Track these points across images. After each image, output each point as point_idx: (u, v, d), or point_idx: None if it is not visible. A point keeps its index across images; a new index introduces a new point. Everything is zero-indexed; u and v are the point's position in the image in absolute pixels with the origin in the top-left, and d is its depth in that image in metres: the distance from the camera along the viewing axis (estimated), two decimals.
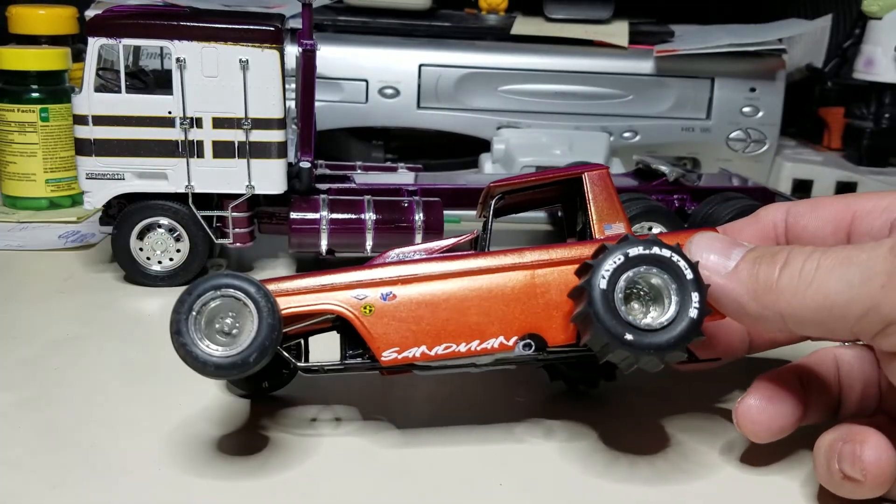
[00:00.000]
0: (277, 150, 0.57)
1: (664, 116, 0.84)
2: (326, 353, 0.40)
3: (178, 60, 0.54)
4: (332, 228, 0.59)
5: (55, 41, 0.78)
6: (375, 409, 0.42)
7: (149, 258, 0.58)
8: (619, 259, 0.34)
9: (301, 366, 0.39)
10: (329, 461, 0.38)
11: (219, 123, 0.56)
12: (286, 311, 0.36)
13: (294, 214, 0.59)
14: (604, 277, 0.34)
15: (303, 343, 0.41)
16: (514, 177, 0.43)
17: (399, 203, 0.60)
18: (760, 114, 0.84)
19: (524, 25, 0.86)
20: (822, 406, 0.38)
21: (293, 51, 0.60)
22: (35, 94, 0.72)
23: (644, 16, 0.91)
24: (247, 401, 0.43)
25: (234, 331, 0.34)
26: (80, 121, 0.55)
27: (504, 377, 0.43)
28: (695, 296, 0.34)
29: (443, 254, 0.40)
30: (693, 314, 0.33)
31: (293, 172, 0.59)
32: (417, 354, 0.36)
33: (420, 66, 0.82)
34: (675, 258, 0.34)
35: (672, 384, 0.45)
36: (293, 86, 0.63)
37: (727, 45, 0.81)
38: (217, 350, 0.34)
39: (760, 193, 0.67)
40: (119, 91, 0.55)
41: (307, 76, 0.59)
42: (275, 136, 0.57)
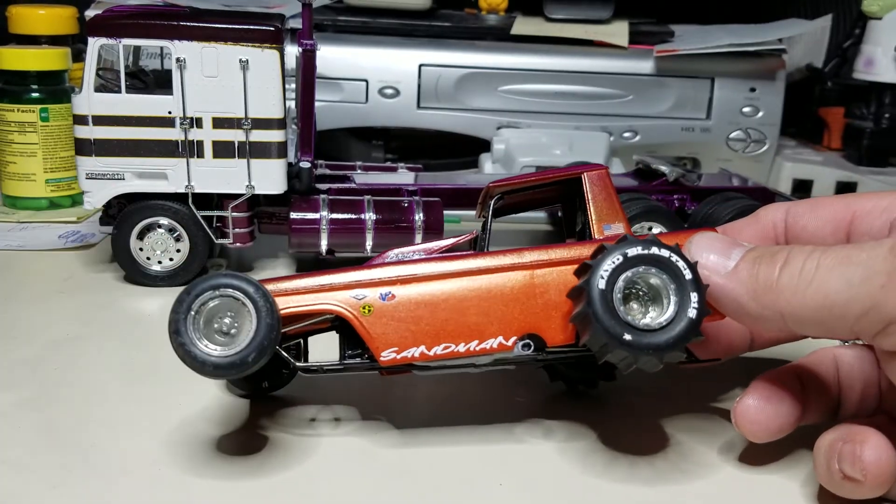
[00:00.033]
0: (277, 150, 0.57)
1: (664, 116, 0.84)
2: (326, 354, 0.40)
3: (178, 60, 0.54)
4: (332, 228, 0.59)
5: (55, 41, 0.78)
6: (375, 410, 0.42)
7: (149, 258, 0.58)
8: (618, 259, 0.34)
9: (300, 366, 0.39)
10: (328, 461, 0.38)
11: (219, 123, 0.56)
12: (285, 311, 0.36)
13: (294, 214, 0.59)
14: (602, 277, 0.34)
15: (302, 343, 0.41)
16: (514, 177, 0.42)
17: (399, 203, 0.60)
18: (760, 114, 0.84)
19: (524, 25, 0.86)
20: (822, 406, 0.38)
21: (293, 51, 0.60)
22: (35, 94, 0.72)
23: (644, 16, 0.91)
24: (246, 401, 0.43)
25: (233, 331, 0.34)
26: (80, 121, 0.55)
27: (503, 377, 0.43)
28: (694, 296, 0.34)
29: (442, 254, 0.40)
30: (692, 314, 0.33)
31: (293, 172, 0.59)
32: (416, 354, 0.36)
33: (420, 66, 0.82)
34: (674, 258, 0.34)
35: (672, 384, 0.45)
36: (293, 86, 0.63)
37: (727, 45, 0.81)
38: (216, 350, 0.34)
39: (760, 193, 0.67)
40: (119, 91, 0.55)
41: (307, 76, 0.59)
42: (275, 136, 0.57)
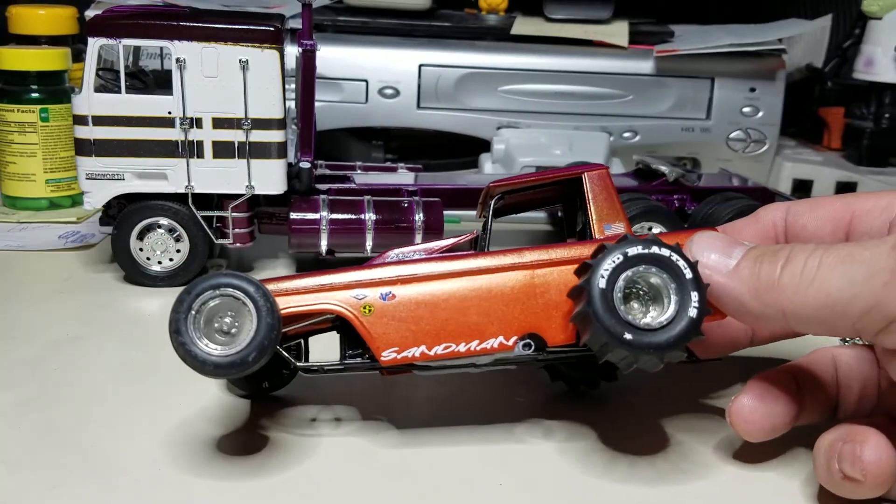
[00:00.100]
0: (277, 151, 0.57)
1: (664, 116, 0.84)
2: (326, 353, 0.40)
3: (178, 60, 0.54)
4: (332, 228, 0.59)
5: (55, 41, 0.78)
6: (375, 410, 0.42)
7: (149, 258, 0.58)
8: (619, 258, 0.34)
9: (301, 366, 0.39)
10: (329, 461, 0.38)
11: (219, 124, 0.56)
12: (285, 311, 0.36)
13: (294, 214, 0.59)
14: (603, 277, 0.34)
15: (303, 343, 0.41)
16: (514, 177, 0.42)
17: (399, 203, 0.60)
18: (760, 114, 0.84)
19: (524, 25, 0.86)
20: (819, 406, 0.38)
21: (293, 51, 0.60)
22: (35, 95, 0.72)
23: (644, 16, 0.91)
24: (247, 401, 0.43)
25: (234, 330, 0.34)
26: (80, 121, 0.55)
27: (504, 377, 0.43)
28: (694, 295, 0.34)
29: (442, 254, 0.40)
30: (692, 313, 0.33)
31: (293, 172, 0.59)
32: (417, 354, 0.36)
33: (420, 66, 0.82)
34: (675, 257, 0.34)
35: (672, 384, 0.45)
36: (293, 86, 0.63)
37: (727, 45, 0.81)
38: (216, 349, 0.34)
39: (760, 193, 0.67)
40: (119, 91, 0.55)
41: (307, 76, 0.59)
42: (275, 137, 0.57)
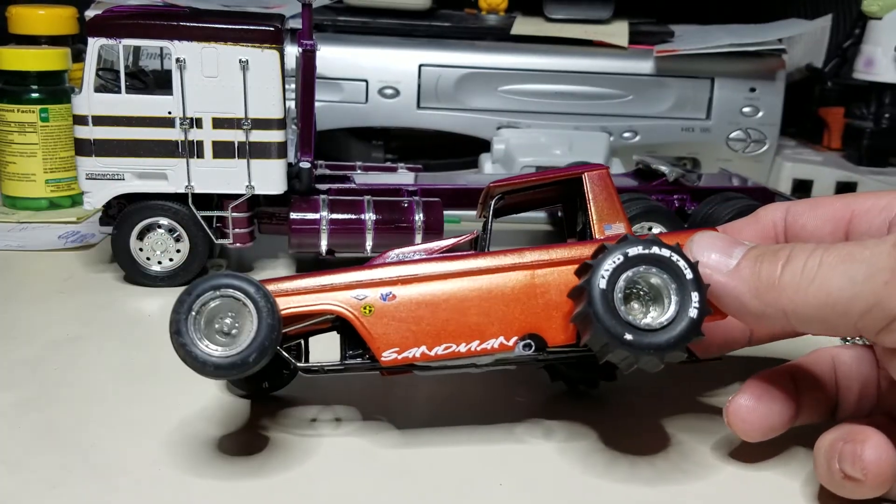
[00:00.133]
0: (277, 151, 0.57)
1: (664, 116, 0.84)
2: (326, 354, 0.40)
3: (178, 61, 0.54)
4: (332, 229, 0.59)
5: (55, 41, 0.78)
6: (375, 410, 0.42)
7: (149, 258, 0.58)
8: (619, 259, 0.34)
9: (301, 366, 0.39)
10: (329, 461, 0.38)
11: (219, 124, 0.56)
12: (286, 312, 0.36)
13: (294, 214, 0.59)
14: (603, 277, 0.34)
15: (303, 343, 0.41)
16: (514, 177, 0.42)
17: (399, 203, 0.60)
18: (760, 114, 0.84)
19: (524, 25, 0.86)
20: (818, 406, 0.38)
21: (293, 51, 0.60)
22: (35, 95, 0.72)
23: (644, 16, 0.91)
24: (247, 401, 0.43)
25: (234, 331, 0.34)
26: (80, 121, 0.55)
27: (504, 377, 0.43)
28: (694, 295, 0.34)
29: (443, 254, 0.40)
30: (693, 314, 0.33)
31: (293, 172, 0.59)
32: (417, 355, 0.36)
33: (420, 66, 0.82)
34: (675, 258, 0.34)
35: (672, 384, 0.45)
36: (293, 86, 0.63)
37: (727, 45, 0.81)
38: (216, 350, 0.34)
39: (760, 193, 0.67)
40: (119, 91, 0.55)
41: (307, 76, 0.59)
42: (275, 137, 0.57)
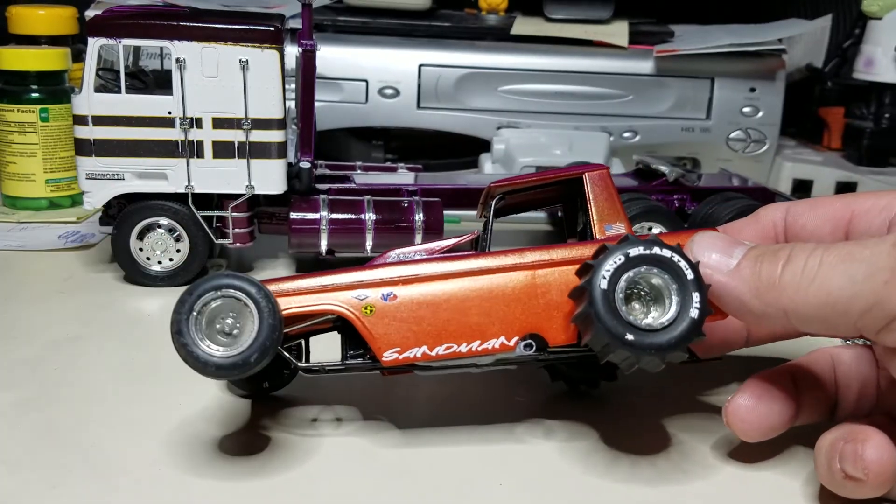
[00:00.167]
0: (277, 151, 0.57)
1: (664, 116, 0.84)
2: (327, 354, 0.40)
3: (178, 60, 0.54)
4: (332, 228, 0.59)
5: (55, 41, 0.78)
6: (376, 410, 0.42)
7: (149, 258, 0.58)
8: (620, 259, 0.34)
9: (302, 366, 0.39)
10: (330, 461, 0.38)
11: (219, 123, 0.56)
12: (287, 312, 0.36)
13: (294, 214, 0.59)
14: (604, 277, 0.34)
15: (303, 343, 0.41)
16: (515, 177, 0.42)
17: (399, 203, 0.60)
18: (760, 114, 0.84)
19: (524, 25, 0.86)
20: (818, 406, 0.38)
21: (293, 51, 0.60)
22: (35, 94, 0.72)
23: (644, 16, 0.91)
24: (247, 401, 0.43)
25: (235, 331, 0.34)
26: (80, 121, 0.55)
27: (505, 377, 0.43)
28: (695, 296, 0.34)
29: (443, 254, 0.40)
30: (694, 314, 0.33)
31: (293, 172, 0.59)
32: (418, 355, 0.36)
33: (420, 66, 0.82)
34: (676, 258, 0.34)
35: (673, 384, 0.45)
36: (293, 86, 0.63)
37: (727, 45, 0.81)
38: (218, 350, 0.34)
39: (760, 193, 0.67)
40: (119, 91, 0.55)
41: (307, 76, 0.59)
42: (275, 137, 0.56)
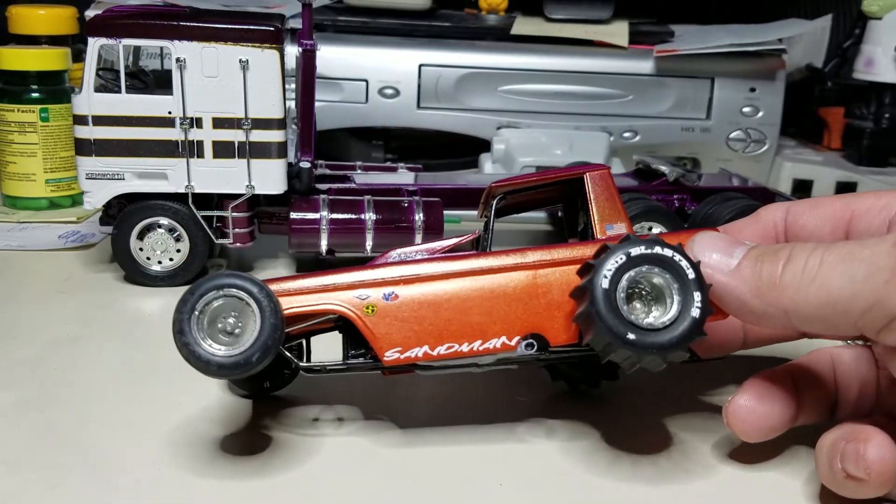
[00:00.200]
0: (277, 150, 0.57)
1: (664, 116, 0.84)
2: (328, 353, 0.40)
3: (178, 60, 0.54)
4: (332, 228, 0.59)
5: (55, 41, 0.78)
6: (377, 409, 0.42)
7: (149, 258, 0.58)
8: (622, 259, 0.34)
9: (303, 365, 0.39)
10: (331, 461, 0.38)
11: (219, 123, 0.56)
12: (288, 311, 0.36)
13: (294, 214, 0.58)
14: (606, 277, 0.34)
15: (304, 343, 0.41)
16: (516, 177, 0.42)
17: (399, 203, 0.60)
18: (760, 114, 0.84)
19: (524, 25, 0.86)
20: (818, 406, 0.38)
21: (293, 51, 0.60)
22: (35, 94, 0.72)
23: (644, 16, 0.91)
24: (248, 401, 0.42)
25: (237, 330, 0.34)
26: (80, 121, 0.55)
27: (505, 377, 0.43)
28: (697, 295, 0.33)
29: (445, 254, 0.40)
30: (695, 314, 0.33)
31: (293, 172, 0.59)
32: (420, 354, 0.36)
33: (420, 66, 0.82)
34: (677, 258, 0.34)
35: (674, 383, 0.45)
36: (293, 86, 0.63)
37: (727, 45, 0.81)
38: (220, 350, 0.34)
39: (760, 193, 0.67)
40: (119, 91, 0.55)
41: (307, 76, 0.58)
42: (275, 136, 0.56)
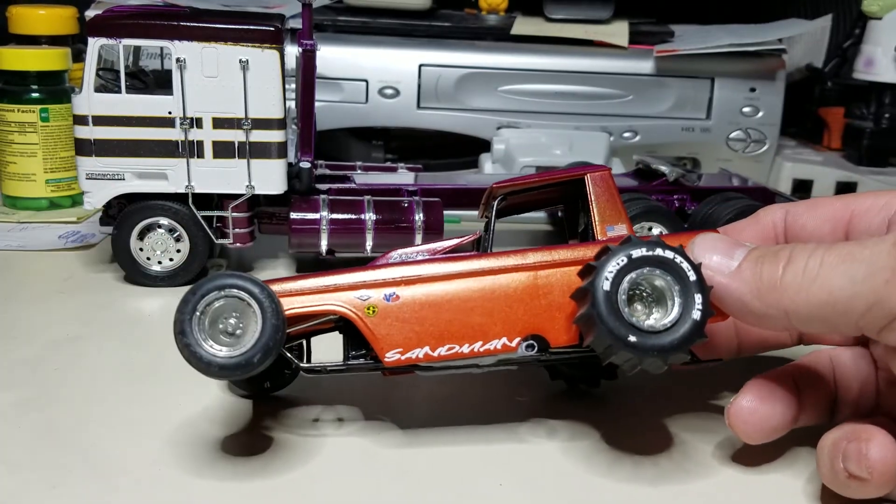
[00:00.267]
0: (277, 151, 0.57)
1: (664, 116, 0.84)
2: (328, 354, 0.40)
3: (178, 60, 0.54)
4: (332, 228, 0.59)
5: (55, 41, 0.78)
6: (378, 410, 0.42)
7: (149, 258, 0.58)
8: (623, 261, 0.34)
9: (303, 366, 0.39)
10: (331, 461, 0.38)
11: (219, 124, 0.56)
12: (290, 312, 0.36)
13: (294, 214, 0.58)
14: (607, 279, 0.34)
15: (305, 343, 0.41)
16: (517, 177, 0.42)
17: (399, 203, 0.60)
18: (760, 114, 0.84)
19: (524, 25, 0.86)
20: (819, 407, 0.38)
21: (293, 51, 0.60)
22: (35, 94, 0.72)
23: (644, 16, 0.91)
24: (248, 401, 0.42)
25: (238, 331, 0.34)
26: (80, 121, 0.55)
27: (506, 377, 0.43)
28: (698, 297, 0.33)
29: (445, 255, 0.40)
30: (696, 316, 0.33)
31: (293, 172, 0.59)
32: (421, 355, 0.36)
33: (420, 66, 0.82)
34: (678, 260, 0.34)
35: (675, 384, 0.45)
36: (293, 86, 0.63)
37: (727, 45, 0.81)
38: (221, 350, 0.34)
39: (760, 193, 0.67)
40: (119, 91, 0.55)
41: (307, 76, 0.58)
42: (275, 137, 0.56)
